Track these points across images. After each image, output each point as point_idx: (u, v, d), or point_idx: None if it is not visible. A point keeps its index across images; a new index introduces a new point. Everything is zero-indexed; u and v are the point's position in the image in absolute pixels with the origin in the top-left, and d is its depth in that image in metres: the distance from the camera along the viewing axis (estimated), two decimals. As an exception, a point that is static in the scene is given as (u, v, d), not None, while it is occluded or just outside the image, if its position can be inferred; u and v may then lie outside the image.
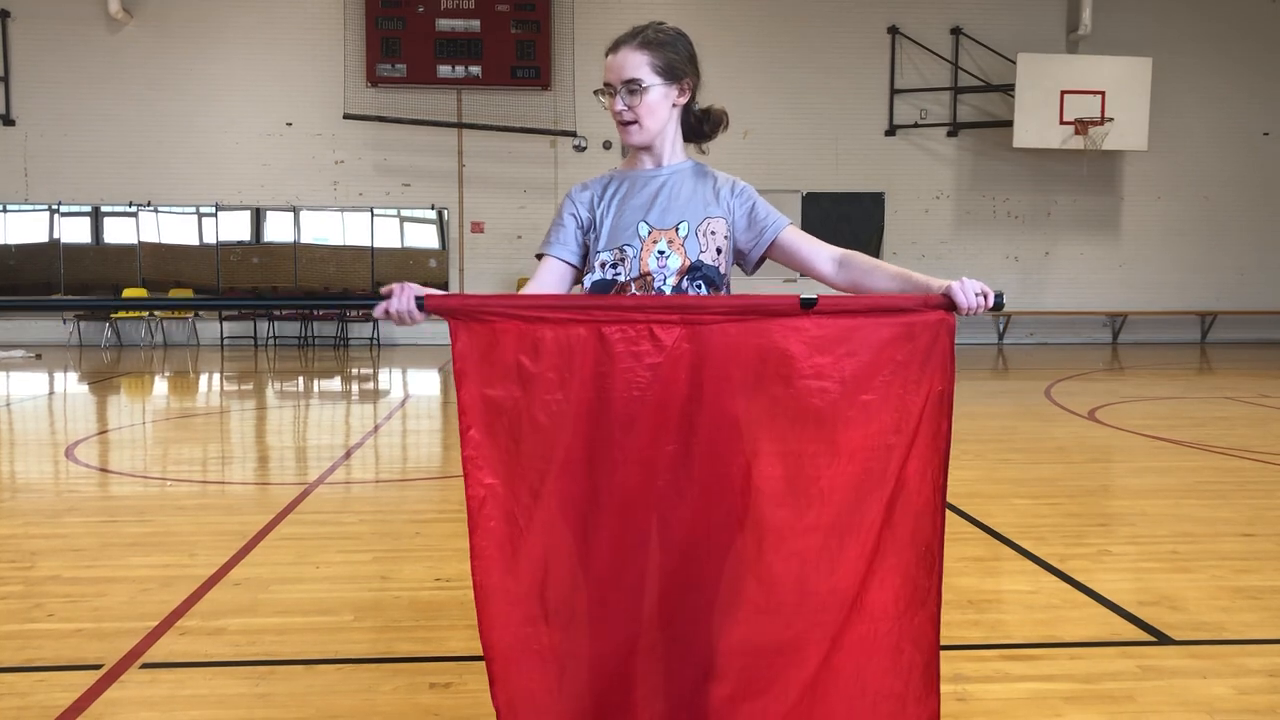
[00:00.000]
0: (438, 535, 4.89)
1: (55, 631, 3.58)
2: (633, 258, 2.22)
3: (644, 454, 1.99)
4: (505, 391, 1.98)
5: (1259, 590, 4.06)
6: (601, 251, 2.25)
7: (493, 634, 2.00)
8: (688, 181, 2.30)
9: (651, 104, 2.23)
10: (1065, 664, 3.30)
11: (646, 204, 2.26)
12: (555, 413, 1.98)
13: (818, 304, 1.99)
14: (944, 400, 2.04)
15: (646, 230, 2.23)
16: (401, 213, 16.75)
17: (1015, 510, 5.38)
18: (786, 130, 16.54)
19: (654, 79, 2.22)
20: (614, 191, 2.30)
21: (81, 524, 5.12)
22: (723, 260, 2.27)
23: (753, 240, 2.31)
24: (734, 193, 2.31)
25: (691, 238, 2.23)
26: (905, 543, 2.05)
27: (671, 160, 2.32)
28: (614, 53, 2.24)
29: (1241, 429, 8.22)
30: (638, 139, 2.26)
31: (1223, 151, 17.30)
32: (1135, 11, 16.76)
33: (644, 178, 2.30)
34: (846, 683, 2.05)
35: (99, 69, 15.96)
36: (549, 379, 1.97)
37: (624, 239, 2.24)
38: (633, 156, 2.34)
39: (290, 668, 3.27)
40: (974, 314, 2.02)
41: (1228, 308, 17.33)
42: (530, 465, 2.00)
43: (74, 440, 7.66)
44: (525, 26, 16.13)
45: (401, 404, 10.19)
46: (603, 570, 2.03)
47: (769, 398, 2.01)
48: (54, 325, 16.30)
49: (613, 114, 2.25)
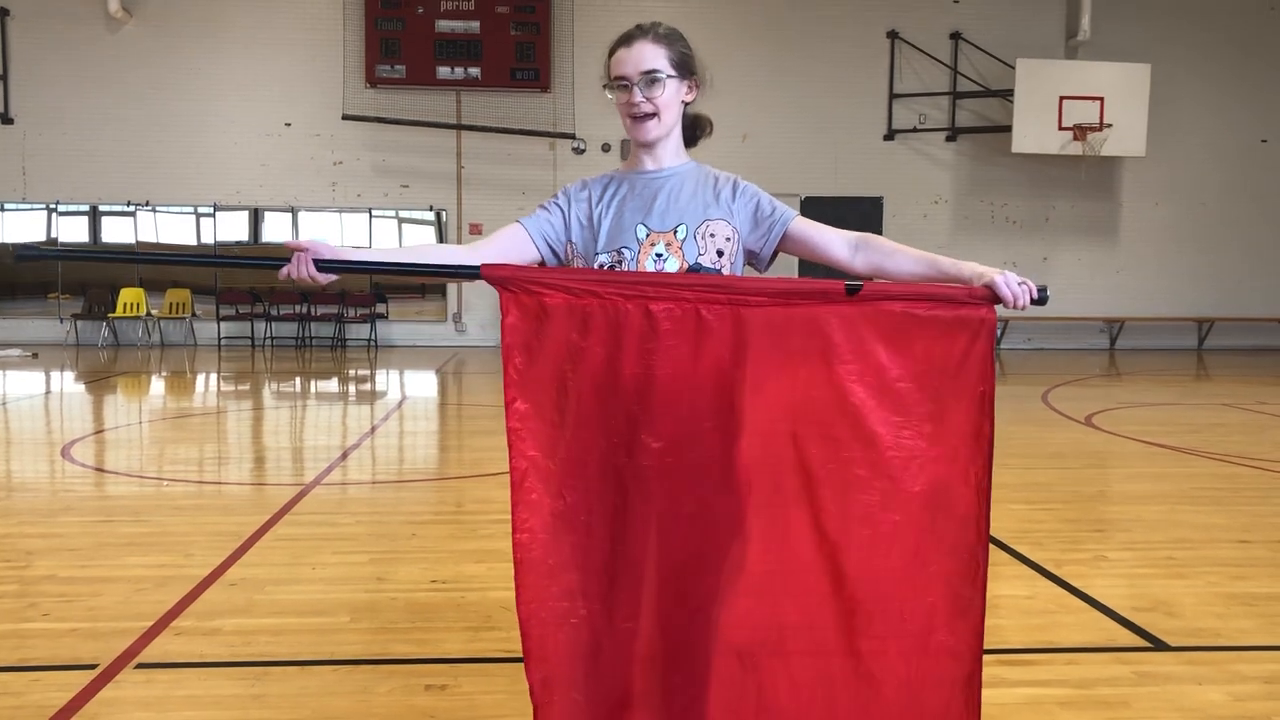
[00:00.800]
0: (434, 537, 4.89)
1: (50, 631, 3.57)
2: (630, 260, 2.20)
3: (686, 430, 1.99)
4: (552, 365, 1.99)
5: (1254, 597, 4.06)
6: (600, 253, 2.23)
7: (530, 607, 2.01)
8: (688, 183, 2.28)
9: (669, 98, 2.22)
10: (1061, 669, 3.30)
11: (645, 206, 2.24)
12: (600, 385, 1.98)
13: (863, 290, 1.98)
14: (985, 400, 2.00)
15: (644, 233, 2.22)
16: (400, 214, 16.75)
17: (1012, 515, 5.39)
18: (785, 134, 16.56)
19: (671, 71, 2.21)
20: (614, 192, 2.28)
21: (77, 523, 5.12)
22: (725, 262, 2.23)
23: (762, 238, 2.28)
24: (735, 194, 2.28)
25: (690, 240, 2.22)
26: (946, 550, 2.01)
27: (673, 162, 2.30)
28: (627, 46, 2.21)
29: (1238, 435, 8.23)
30: (655, 133, 2.23)
31: (1220, 158, 17.32)
32: (1134, 18, 16.78)
33: (644, 179, 2.28)
34: (884, 693, 2.02)
35: (98, 68, 15.94)
36: (596, 353, 1.97)
37: (622, 241, 2.22)
38: (633, 157, 2.32)
39: (285, 669, 3.26)
40: (1019, 308, 1.99)
41: (1225, 314, 17.35)
42: (574, 438, 2.01)
43: (70, 440, 7.65)
44: (525, 28, 16.14)
45: (399, 405, 10.18)
46: (639, 547, 2.03)
47: (810, 382, 2.00)
48: (51, 324, 16.28)
49: (627, 107, 2.21)
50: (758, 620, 2.04)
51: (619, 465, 2.00)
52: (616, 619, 2.03)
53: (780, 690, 2.05)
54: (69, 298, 16.33)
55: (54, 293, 16.34)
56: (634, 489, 2.01)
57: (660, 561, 2.03)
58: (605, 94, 2.28)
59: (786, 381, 2.00)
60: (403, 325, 16.89)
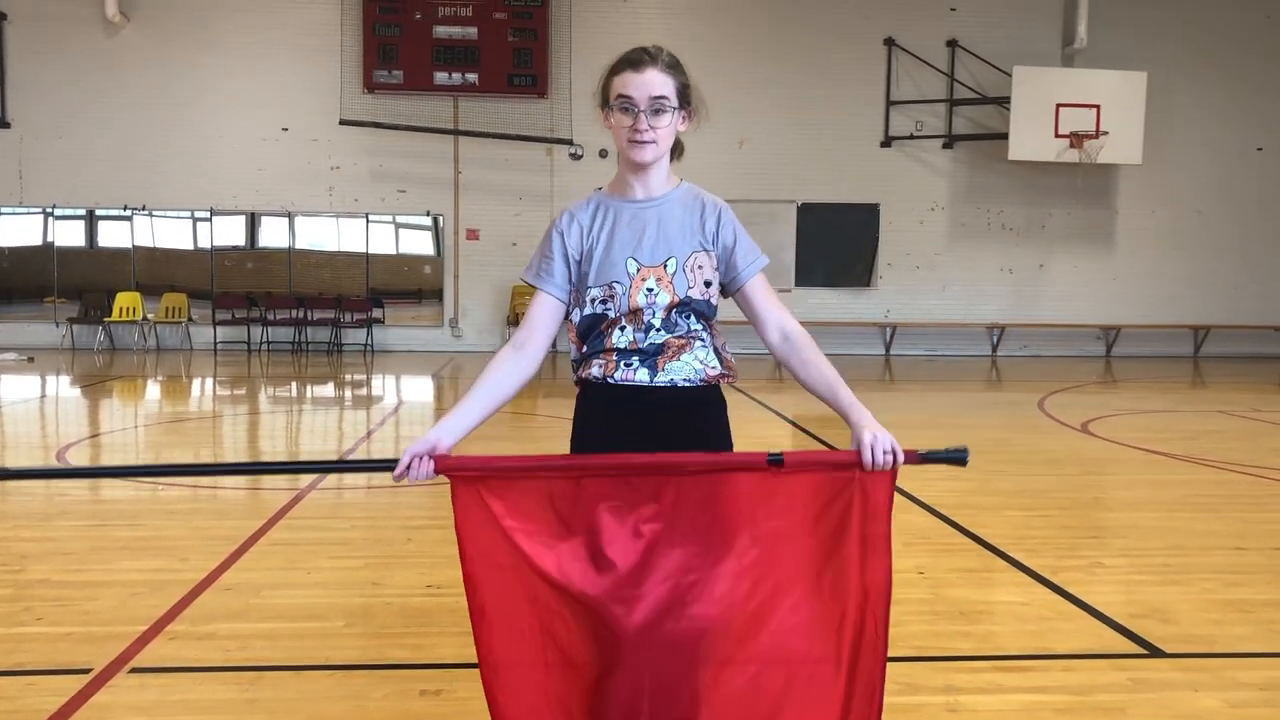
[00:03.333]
0: (430, 542, 4.87)
1: (44, 635, 3.56)
2: (622, 295, 2.22)
3: (623, 591, 2.07)
4: (500, 546, 2.13)
5: (1250, 604, 4.06)
6: (591, 287, 2.25)
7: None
8: (676, 211, 2.28)
9: (670, 127, 2.24)
10: (1057, 675, 3.30)
11: (635, 239, 2.25)
12: (544, 555, 2.10)
13: (784, 464, 2.08)
14: (872, 542, 2.10)
15: (635, 267, 2.23)
16: (397, 219, 16.76)
17: (1008, 521, 5.39)
18: (782, 140, 16.58)
19: (675, 102, 2.23)
20: (602, 222, 2.28)
21: (72, 527, 5.10)
22: (712, 292, 2.28)
23: (728, 279, 2.33)
24: (719, 226, 2.29)
25: (680, 274, 2.23)
26: (852, 674, 2.12)
27: (662, 189, 2.30)
28: (636, 70, 2.20)
29: (1233, 443, 8.23)
30: (651, 156, 2.23)
31: (1216, 166, 17.36)
32: (1130, 26, 16.83)
33: (632, 209, 2.28)
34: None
35: (96, 72, 15.94)
36: (538, 530, 2.11)
37: (613, 275, 2.24)
38: (620, 180, 2.31)
39: (280, 674, 3.26)
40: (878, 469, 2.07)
41: (1221, 322, 17.38)
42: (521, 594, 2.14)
43: (65, 443, 7.64)
44: (523, 35, 16.16)
45: (395, 410, 10.17)
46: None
47: (733, 535, 2.10)
48: (47, 328, 16.26)
49: (630, 131, 2.21)
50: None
51: (561, 609, 2.11)
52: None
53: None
54: (65, 301, 16.32)
55: (50, 296, 16.32)
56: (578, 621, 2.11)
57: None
58: (598, 109, 2.28)
59: (716, 534, 2.10)
60: (399, 330, 16.88)
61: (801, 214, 16.79)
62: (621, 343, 2.24)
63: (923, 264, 17.05)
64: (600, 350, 2.27)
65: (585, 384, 2.33)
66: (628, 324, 2.23)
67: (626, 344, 2.24)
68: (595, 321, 2.26)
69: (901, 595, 4.12)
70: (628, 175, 2.29)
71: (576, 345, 2.33)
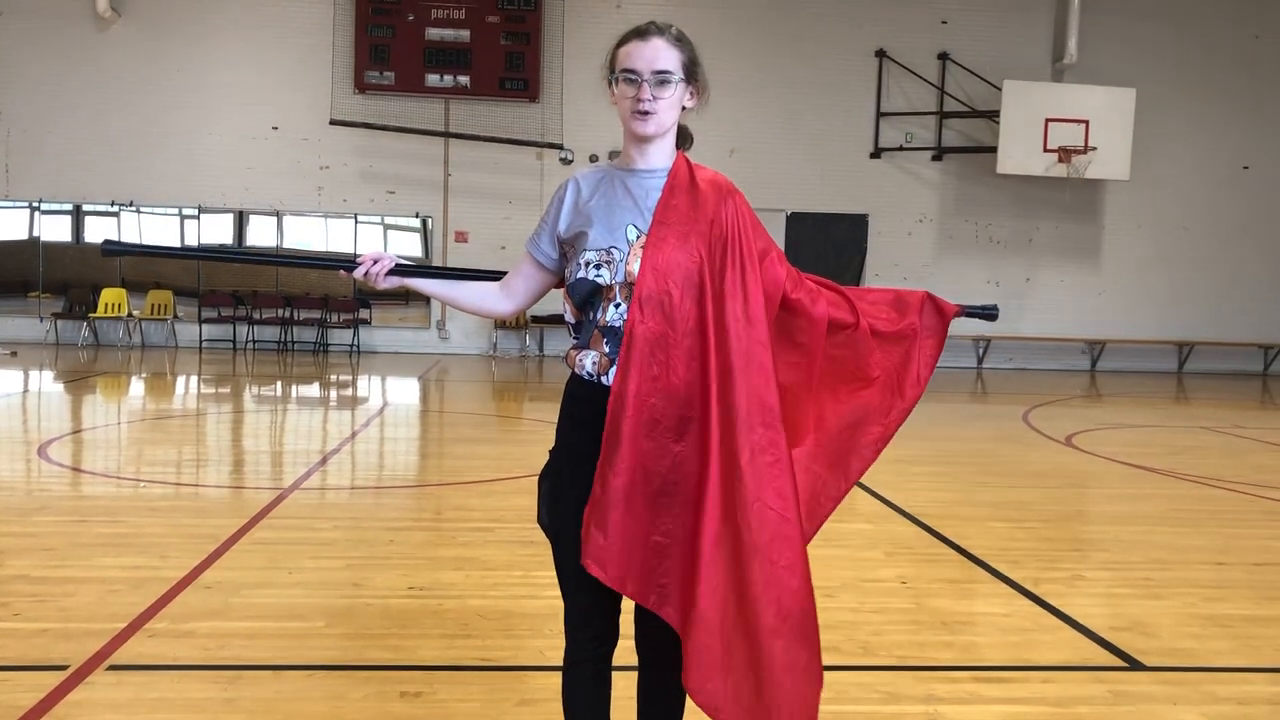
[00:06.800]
0: (411, 544, 4.86)
1: (21, 631, 3.54)
2: (619, 261, 2.20)
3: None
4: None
5: (1229, 618, 4.08)
6: (587, 250, 2.21)
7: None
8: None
9: (674, 99, 2.22)
10: (1037, 687, 3.31)
11: (636, 207, 2.23)
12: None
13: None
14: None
15: (635, 234, 2.21)
16: (385, 220, 16.72)
17: (991, 533, 5.40)
18: (772, 150, 16.61)
19: (680, 75, 2.22)
20: (607, 188, 2.26)
21: (51, 523, 5.07)
22: None
23: None
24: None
25: None
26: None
27: (664, 162, 2.27)
28: (641, 40, 2.20)
29: (1215, 458, 8.28)
30: (653, 128, 2.21)
31: (1203, 184, 17.47)
32: (1120, 42, 16.93)
33: (636, 177, 2.26)
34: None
35: (85, 67, 15.87)
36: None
37: (612, 240, 2.21)
38: (626, 154, 2.30)
39: (259, 673, 3.24)
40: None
41: (1205, 338, 17.48)
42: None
43: (47, 439, 7.59)
44: (515, 38, 16.16)
45: (380, 411, 10.15)
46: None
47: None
48: (31, 323, 16.16)
49: (633, 102, 2.20)
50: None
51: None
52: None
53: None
54: (50, 296, 16.22)
55: (35, 291, 16.23)
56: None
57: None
58: (605, 83, 2.26)
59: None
60: (385, 331, 16.84)
61: (791, 223, 16.82)
62: (616, 320, 2.18)
63: (910, 275, 17.08)
64: (594, 330, 2.21)
65: (577, 381, 2.25)
66: (620, 294, 2.18)
67: (620, 321, 2.17)
68: (586, 287, 2.21)
69: (884, 604, 4.13)
70: (631, 148, 2.28)
71: (573, 312, 2.27)
